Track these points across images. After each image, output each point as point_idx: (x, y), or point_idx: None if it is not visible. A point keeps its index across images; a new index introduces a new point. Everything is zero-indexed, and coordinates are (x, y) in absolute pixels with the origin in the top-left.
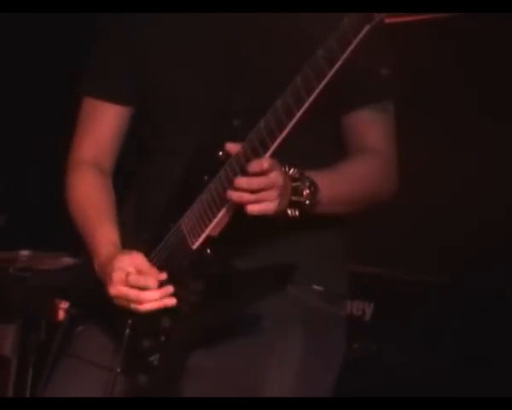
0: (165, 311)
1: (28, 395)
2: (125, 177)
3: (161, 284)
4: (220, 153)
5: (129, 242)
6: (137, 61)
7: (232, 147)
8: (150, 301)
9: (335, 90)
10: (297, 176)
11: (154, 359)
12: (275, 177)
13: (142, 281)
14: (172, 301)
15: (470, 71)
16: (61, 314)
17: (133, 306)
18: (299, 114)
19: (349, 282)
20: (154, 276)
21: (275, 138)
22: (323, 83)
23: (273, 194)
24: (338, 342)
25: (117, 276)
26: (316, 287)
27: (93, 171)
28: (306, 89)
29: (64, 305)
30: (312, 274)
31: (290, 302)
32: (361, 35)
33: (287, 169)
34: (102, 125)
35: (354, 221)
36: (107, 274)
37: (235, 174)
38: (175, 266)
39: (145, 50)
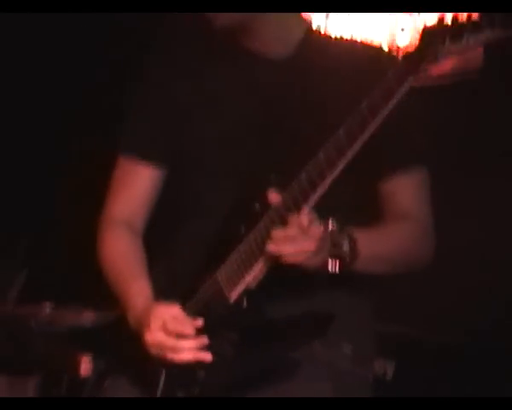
0: (199, 363)
1: None
2: (155, 237)
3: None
4: (257, 205)
5: (160, 298)
6: (174, 122)
7: (273, 196)
8: (186, 350)
9: (372, 156)
10: (337, 230)
11: None
12: (314, 230)
13: (179, 328)
14: (208, 357)
15: None
16: (84, 369)
17: (169, 355)
18: (340, 165)
19: (376, 342)
20: (191, 324)
21: (315, 188)
22: (366, 133)
23: (311, 246)
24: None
25: (156, 323)
26: (345, 349)
27: (126, 231)
28: (349, 140)
29: (87, 359)
30: (342, 333)
31: (320, 365)
32: (404, 86)
33: (327, 222)
34: (136, 184)
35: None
36: (145, 323)
37: (275, 225)
38: (210, 317)
39: (182, 110)
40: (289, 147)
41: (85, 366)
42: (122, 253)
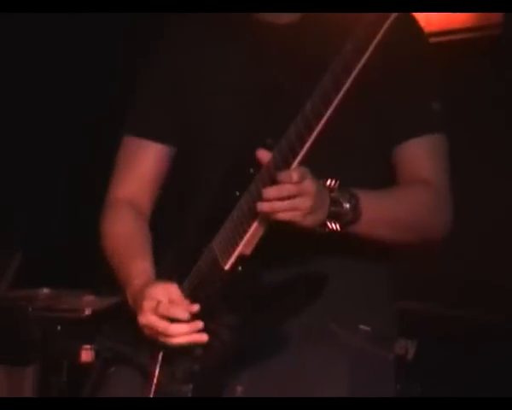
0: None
1: None
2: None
3: (193, 318)
4: (251, 170)
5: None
6: (180, 101)
7: (263, 155)
8: (179, 334)
9: (386, 121)
10: (336, 186)
11: (188, 390)
12: (307, 185)
13: (172, 311)
14: (203, 338)
15: None
16: (85, 355)
17: (161, 339)
18: (327, 114)
19: (396, 321)
20: (185, 308)
21: (304, 142)
22: (352, 76)
23: (306, 202)
24: (386, 388)
25: (148, 304)
26: (363, 327)
27: (130, 211)
28: (335, 86)
29: (87, 346)
30: (359, 314)
31: (336, 344)
32: (389, 19)
33: (324, 180)
34: (142, 164)
35: (400, 256)
36: (139, 303)
37: (266, 186)
38: (208, 289)
39: (186, 84)
40: (292, 113)
41: (86, 352)
42: (124, 232)
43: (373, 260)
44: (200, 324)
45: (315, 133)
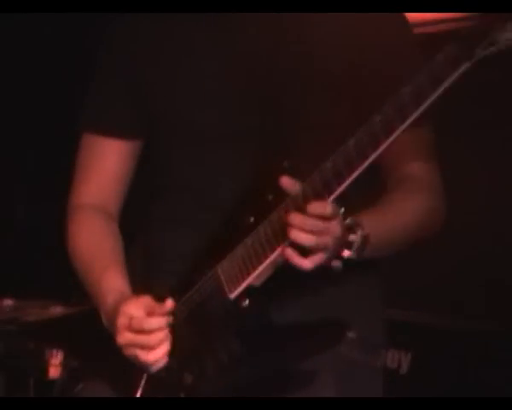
0: (187, 366)
1: None
2: (131, 219)
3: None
4: (270, 196)
5: (141, 286)
6: (142, 89)
7: (287, 182)
8: (161, 342)
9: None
10: (350, 225)
11: None
12: (334, 225)
13: (146, 324)
14: None
15: None
16: (53, 371)
17: (142, 355)
18: (373, 156)
19: (386, 330)
20: (161, 315)
21: (343, 181)
22: (406, 123)
23: (329, 242)
24: (373, 396)
25: (122, 322)
26: (350, 334)
27: (97, 215)
28: (386, 129)
29: (56, 360)
30: (346, 320)
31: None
32: (457, 72)
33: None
34: (105, 164)
35: (390, 262)
36: (114, 322)
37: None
38: (208, 314)
39: (151, 76)
40: (276, 102)
41: (54, 368)
42: (93, 242)
43: (362, 267)
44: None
45: (356, 173)
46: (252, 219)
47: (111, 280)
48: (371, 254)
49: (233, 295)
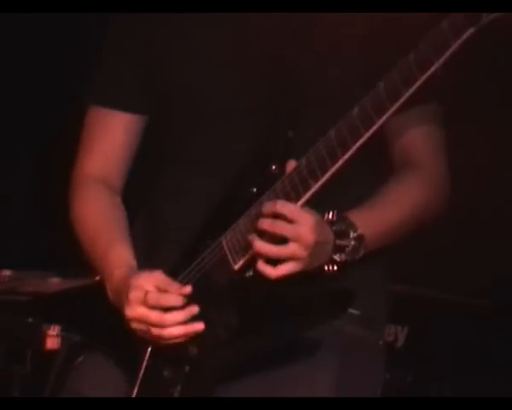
0: (191, 338)
1: None
2: (135, 192)
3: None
4: (273, 167)
5: (143, 260)
6: (150, 62)
7: (290, 164)
8: (174, 323)
9: None
10: (343, 228)
11: (175, 391)
12: (305, 233)
13: (163, 299)
14: (200, 327)
15: None
16: (50, 343)
17: (154, 331)
18: (356, 146)
19: (389, 307)
20: (177, 293)
21: (337, 160)
22: (412, 89)
23: (302, 251)
24: (375, 375)
25: (135, 295)
26: (352, 311)
27: (101, 188)
28: (365, 125)
29: (53, 332)
30: (349, 296)
31: (323, 328)
32: (462, 39)
33: (331, 218)
34: (111, 137)
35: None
36: (123, 295)
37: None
38: (211, 288)
39: (162, 51)
40: (288, 84)
41: (52, 339)
42: (97, 213)
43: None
44: (196, 308)
45: (340, 162)
46: (255, 190)
47: (117, 254)
48: (368, 250)
49: (237, 266)
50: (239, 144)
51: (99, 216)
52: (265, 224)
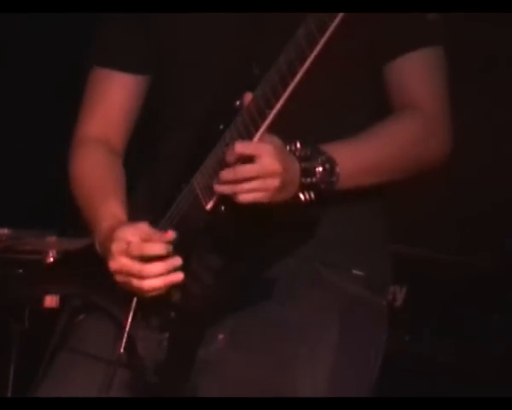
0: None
1: (10, 392)
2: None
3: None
4: (237, 102)
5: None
6: (153, 24)
7: (247, 97)
8: (155, 275)
9: (376, 39)
10: (308, 154)
11: (163, 339)
12: (269, 164)
13: (146, 248)
14: (178, 277)
15: None
16: (49, 301)
17: (136, 283)
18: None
19: (392, 267)
20: (160, 241)
21: (278, 98)
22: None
23: (269, 183)
24: (379, 336)
25: (117, 246)
26: (356, 272)
27: (100, 148)
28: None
29: (51, 290)
30: (352, 258)
31: (326, 289)
32: None
33: (294, 147)
34: (111, 98)
35: (393, 198)
36: (107, 246)
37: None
38: (189, 229)
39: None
40: (277, 35)
41: (51, 297)
42: (95, 172)
43: (363, 200)
44: (178, 260)
45: (289, 89)
46: (221, 127)
47: (109, 208)
48: (351, 183)
49: (208, 206)
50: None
51: (95, 175)
52: (230, 175)
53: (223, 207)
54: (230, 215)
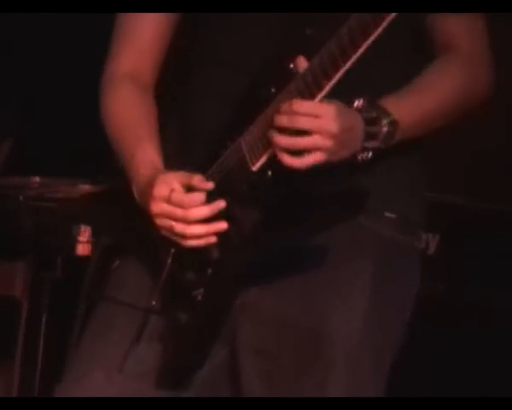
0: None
1: (41, 343)
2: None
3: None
4: (291, 65)
5: (174, 163)
6: None
7: (300, 62)
8: (198, 218)
9: None
10: (374, 115)
11: (198, 294)
12: (326, 123)
13: (187, 198)
14: (222, 226)
15: None
16: (81, 248)
17: (178, 227)
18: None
19: (426, 210)
20: (201, 189)
21: (348, 57)
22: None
23: (327, 142)
24: (412, 278)
25: (160, 191)
26: (388, 214)
27: (130, 86)
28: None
29: (84, 238)
30: (385, 200)
31: (359, 233)
32: None
33: (361, 104)
34: (142, 32)
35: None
36: (148, 193)
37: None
38: (231, 190)
39: None
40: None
41: (83, 245)
42: (128, 113)
43: (401, 148)
44: (222, 203)
45: (352, 60)
46: (273, 90)
47: (145, 152)
48: (403, 137)
49: (255, 167)
50: (265, 46)
51: (128, 115)
52: (284, 120)
53: (269, 172)
54: (277, 179)
